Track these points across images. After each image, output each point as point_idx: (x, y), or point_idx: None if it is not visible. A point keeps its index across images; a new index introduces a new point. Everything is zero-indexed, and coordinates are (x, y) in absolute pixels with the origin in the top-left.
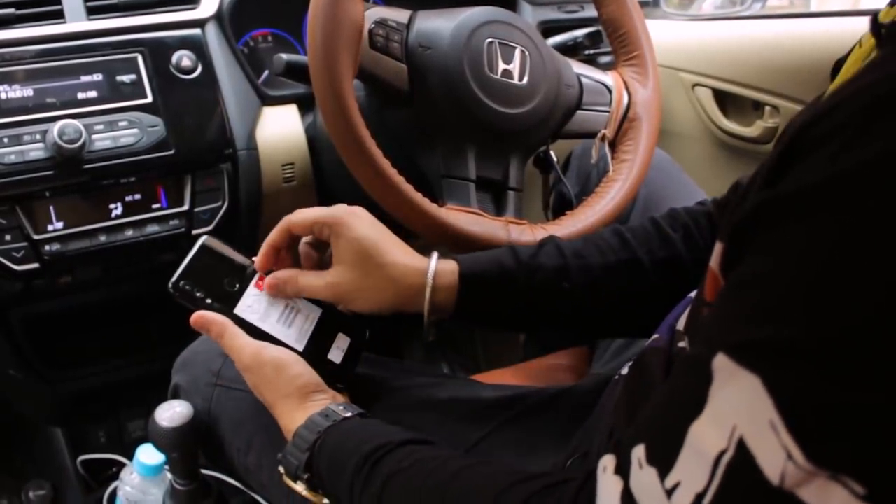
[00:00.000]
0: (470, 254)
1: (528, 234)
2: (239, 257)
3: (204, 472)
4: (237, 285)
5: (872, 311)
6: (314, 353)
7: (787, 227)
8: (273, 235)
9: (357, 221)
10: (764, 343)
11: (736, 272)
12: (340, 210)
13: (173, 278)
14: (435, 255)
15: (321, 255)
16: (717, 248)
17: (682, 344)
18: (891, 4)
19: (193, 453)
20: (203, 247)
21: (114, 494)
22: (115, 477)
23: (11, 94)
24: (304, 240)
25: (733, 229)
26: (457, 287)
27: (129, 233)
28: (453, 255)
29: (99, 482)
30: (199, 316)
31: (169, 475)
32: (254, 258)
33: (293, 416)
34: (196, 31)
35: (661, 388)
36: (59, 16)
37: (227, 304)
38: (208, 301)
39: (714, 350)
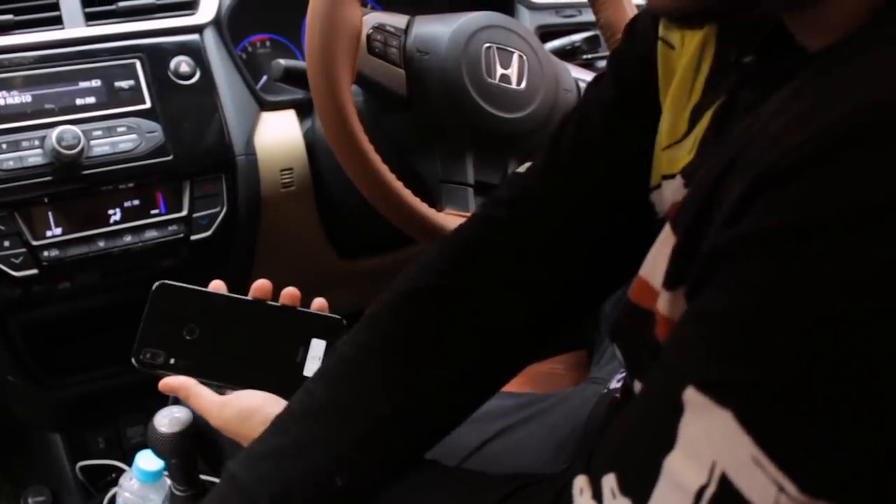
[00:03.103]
0: None
1: None
2: (196, 295)
3: (203, 477)
4: (197, 331)
5: (834, 350)
6: (289, 373)
7: (749, 266)
8: None
9: None
10: (733, 382)
11: (699, 301)
12: None
13: (134, 350)
14: None
15: None
16: (665, 295)
17: None
18: None
19: (193, 459)
20: (156, 298)
21: (113, 500)
22: (114, 483)
23: (10, 101)
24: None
25: (699, 261)
26: None
27: (128, 238)
28: None
29: (98, 488)
30: (164, 384)
31: (168, 481)
32: (213, 283)
33: None
34: (194, 37)
35: (625, 414)
36: (57, 22)
37: (190, 358)
38: (171, 362)
39: (683, 383)
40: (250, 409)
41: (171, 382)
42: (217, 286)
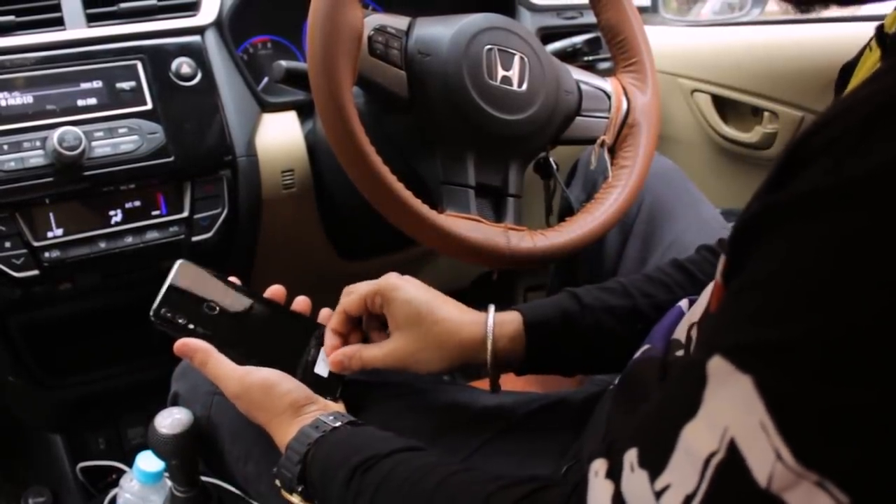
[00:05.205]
0: (530, 302)
1: (527, 240)
2: (216, 279)
3: (204, 479)
4: (217, 308)
5: (867, 314)
6: (301, 369)
7: (785, 231)
8: (334, 322)
9: (406, 285)
10: (759, 344)
11: (737, 279)
12: (389, 278)
13: (153, 307)
14: (492, 307)
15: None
16: (722, 259)
17: (679, 353)
18: None
19: (193, 460)
20: (180, 271)
21: (113, 501)
22: (115, 484)
23: (11, 102)
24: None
25: (734, 235)
26: (520, 337)
27: (129, 239)
28: (514, 307)
29: (98, 489)
30: (183, 343)
31: (169, 482)
32: (231, 278)
33: (286, 431)
34: (196, 38)
35: (655, 395)
36: (58, 23)
37: (209, 328)
38: (191, 327)
39: (710, 353)
40: (271, 381)
41: (191, 344)
42: (235, 281)
